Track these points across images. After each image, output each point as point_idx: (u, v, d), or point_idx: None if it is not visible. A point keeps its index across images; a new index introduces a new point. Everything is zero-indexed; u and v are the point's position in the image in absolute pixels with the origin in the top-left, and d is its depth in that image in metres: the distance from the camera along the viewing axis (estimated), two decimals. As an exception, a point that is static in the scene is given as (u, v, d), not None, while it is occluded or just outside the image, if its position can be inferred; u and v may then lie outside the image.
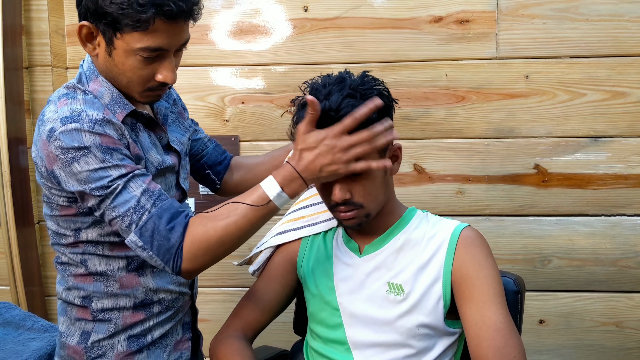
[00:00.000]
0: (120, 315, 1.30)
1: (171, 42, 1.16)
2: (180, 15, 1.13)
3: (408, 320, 1.18)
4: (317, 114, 1.11)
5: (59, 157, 1.14)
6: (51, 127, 1.14)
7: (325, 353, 1.27)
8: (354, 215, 1.18)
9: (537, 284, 2.00)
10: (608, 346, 2.01)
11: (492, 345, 1.10)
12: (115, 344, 1.30)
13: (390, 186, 1.25)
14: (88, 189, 1.13)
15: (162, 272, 1.32)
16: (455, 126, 1.98)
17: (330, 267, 1.29)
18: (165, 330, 1.34)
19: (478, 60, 1.95)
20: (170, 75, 1.19)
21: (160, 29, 1.13)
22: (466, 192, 2.00)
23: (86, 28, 1.16)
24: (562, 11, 1.90)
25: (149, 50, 1.15)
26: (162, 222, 1.13)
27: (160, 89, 1.23)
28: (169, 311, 1.34)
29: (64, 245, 1.29)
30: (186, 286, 1.38)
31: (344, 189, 1.16)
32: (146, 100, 1.25)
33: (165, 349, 1.35)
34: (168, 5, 1.11)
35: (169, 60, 1.19)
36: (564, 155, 1.95)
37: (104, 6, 1.11)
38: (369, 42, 1.98)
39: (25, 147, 1.98)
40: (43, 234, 2.09)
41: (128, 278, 1.29)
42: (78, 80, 1.24)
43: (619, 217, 1.96)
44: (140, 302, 1.31)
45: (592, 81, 1.92)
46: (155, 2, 1.10)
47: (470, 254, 1.18)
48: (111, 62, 1.19)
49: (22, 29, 1.97)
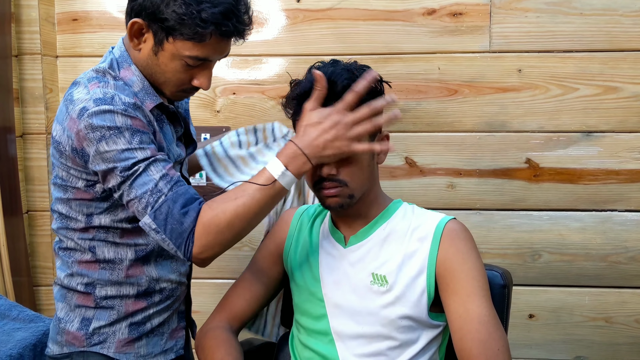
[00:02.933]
0: (123, 303, 1.33)
1: (217, 55, 1.23)
2: (233, 34, 1.20)
3: (391, 312, 1.18)
4: (324, 90, 1.12)
5: (88, 136, 1.16)
6: (83, 107, 1.17)
7: (309, 344, 1.26)
8: (338, 193, 1.18)
9: (527, 279, 2.00)
10: (597, 341, 2.01)
11: (476, 338, 1.10)
12: (116, 331, 1.33)
13: (376, 175, 1.25)
14: (112, 169, 1.16)
15: (164, 261, 1.36)
16: (447, 119, 1.97)
17: (315, 258, 1.29)
18: (163, 318, 1.38)
19: (471, 53, 1.94)
20: (206, 83, 1.25)
21: (212, 43, 1.19)
22: (457, 186, 2.00)
23: (138, 25, 1.20)
24: (555, 5, 1.89)
25: (196, 59, 1.20)
26: (176, 206, 1.14)
27: (191, 91, 1.30)
28: (168, 300, 1.38)
29: (73, 230, 1.30)
30: (184, 276, 1.42)
31: (331, 165, 1.16)
32: (175, 98, 1.31)
33: (162, 337, 1.39)
34: (227, 26, 1.17)
35: (210, 69, 1.25)
36: (556, 150, 1.94)
37: (164, 11, 1.16)
38: (362, 34, 1.96)
39: (14, 136, 1.96)
40: (32, 224, 2.08)
41: (134, 267, 1.32)
42: (109, 65, 1.27)
43: (609, 212, 1.96)
44: (144, 290, 1.34)
45: (584, 76, 1.91)
46: (216, 21, 1.15)
47: (455, 247, 1.18)
48: (154, 60, 1.23)
49: (12, 17, 1.96)
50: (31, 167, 2.04)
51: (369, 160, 1.20)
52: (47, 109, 2.04)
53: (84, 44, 2.07)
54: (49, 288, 2.10)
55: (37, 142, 2.04)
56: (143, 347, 1.36)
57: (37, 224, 2.08)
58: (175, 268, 1.38)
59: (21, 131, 2.03)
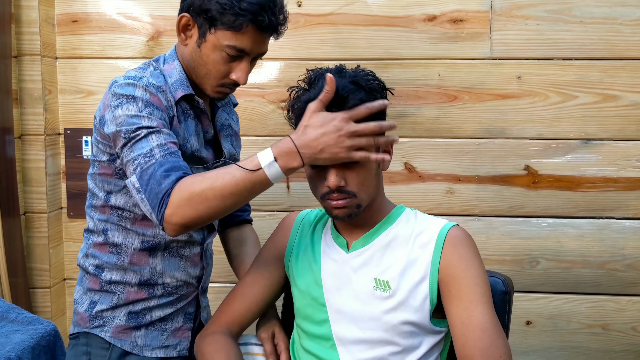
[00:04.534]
0: (125, 290, 1.40)
1: (253, 48, 1.30)
2: (268, 28, 1.28)
3: (394, 317, 1.17)
4: (331, 94, 1.12)
5: (109, 103, 1.27)
6: (115, 79, 1.31)
7: (311, 349, 1.26)
8: (346, 204, 1.17)
9: (524, 285, 2.00)
10: (594, 348, 2.01)
11: (478, 346, 1.10)
12: (115, 317, 1.40)
13: (381, 181, 1.25)
14: (119, 131, 1.23)
15: (172, 257, 1.41)
16: (446, 125, 1.98)
17: (317, 263, 1.28)
18: (165, 314, 1.42)
19: (471, 60, 1.95)
20: (243, 77, 1.32)
21: (249, 34, 1.27)
22: (456, 192, 2.00)
23: (185, 19, 1.31)
24: (555, 13, 1.90)
25: (235, 49, 1.28)
26: (161, 169, 1.18)
27: (231, 87, 1.35)
28: (171, 296, 1.43)
29: (94, 208, 1.41)
30: (194, 278, 1.46)
31: (339, 176, 1.15)
32: (215, 95, 1.37)
33: (163, 333, 1.43)
34: (263, 17, 1.25)
35: (246, 63, 1.31)
36: (555, 157, 1.95)
37: (207, 3, 1.26)
38: (362, 39, 1.97)
39: (12, 137, 1.95)
40: (28, 226, 2.07)
41: (139, 256, 1.39)
42: (156, 60, 1.39)
43: (607, 220, 1.96)
44: (145, 281, 1.40)
45: (584, 83, 1.92)
46: (253, 11, 1.24)
47: (458, 253, 1.17)
48: (198, 52, 1.31)
49: (12, 17, 1.95)
50: (29, 168, 2.03)
51: (376, 169, 1.20)
52: (46, 110, 2.03)
53: (84, 45, 2.07)
54: (45, 290, 2.09)
55: (35, 144, 2.03)
56: (140, 338, 1.41)
57: (34, 225, 2.07)
58: (183, 267, 1.43)
59: (19, 132, 2.02)
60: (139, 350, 1.41)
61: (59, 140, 2.11)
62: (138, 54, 2.05)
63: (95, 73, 2.08)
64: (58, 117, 2.10)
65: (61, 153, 2.11)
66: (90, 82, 2.08)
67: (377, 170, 1.21)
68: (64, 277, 2.18)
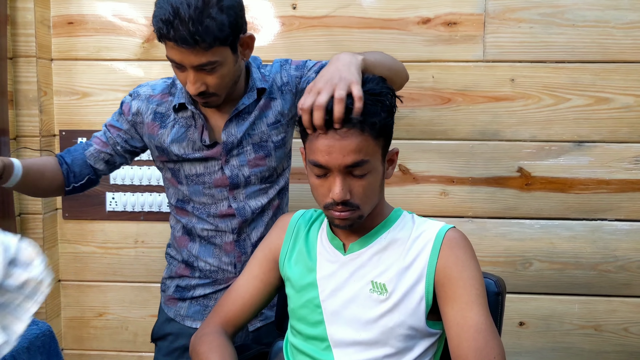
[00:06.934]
0: (175, 264, 1.62)
1: (183, 60, 1.31)
2: (182, 41, 1.26)
3: (390, 320, 1.18)
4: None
5: None
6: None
7: (306, 350, 1.26)
8: (349, 216, 1.18)
9: (517, 287, 2.02)
10: (586, 349, 2.03)
11: (473, 346, 1.10)
12: (169, 286, 1.63)
13: (383, 188, 1.26)
14: None
15: (208, 244, 1.56)
16: (440, 127, 1.99)
17: (313, 265, 1.29)
18: (205, 292, 1.59)
19: (465, 62, 1.96)
20: (190, 86, 1.35)
21: (171, 47, 1.30)
22: (450, 194, 2.01)
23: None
24: (548, 16, 1.92)
25: (170, 60, 1.34)
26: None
27: (199, 97, 1.39)
28: (208, 279, 1.58)
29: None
30: (229, 265, 1.57)
31: (345, 189, 1.15)
32: (202, 104, 1.44)
33: (205, 309, 1.59)
34: (169, 31, 1.26)
35: (191, 74, 1.33)
36: (548, 159, 1.96)
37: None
38: (357, 42, 1.98)
39: (8, 139, 1.95)
40: (24, 227, 2.07)
41: (180, 239, 1.59)
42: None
43: (600, 221, 1.98)
44: (185, 261, 1.59)
45: (576, 86, 1.93)
46: (159, 27, 1.28)
47: (454, 255, 1.18)
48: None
49: (7, 19, 1.95)
50: (24, 169, 2.03)
51: (380, 181, 1.21)
52: (42, 111, 2.03)
53: (79, 47, 2.07)
54: (40, 291, 2.09)
55: (30, 145, 2.03)
56: (184, 309, 1.60)
57: (29, 227, 2.07)
58: (217, 254, 1.56)
59: (15, 133, 2.02)
60: (180, 319, 1.60)
61: (54, 142, 2.11)
62: (133, 55, 2.06)
63: (90, 75, 2.08)
64: (53, 118, 2.10)
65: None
66: (86, 84, 2.08)
67: (382, 180, 1.22)
68: (59, 279, 2.18)
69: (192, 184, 1.52)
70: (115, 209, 2.13)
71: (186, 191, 1.54)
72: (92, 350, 2.22)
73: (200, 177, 1.51)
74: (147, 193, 2.11)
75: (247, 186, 1.53)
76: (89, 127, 2.09)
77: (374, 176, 1.17)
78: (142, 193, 2.11)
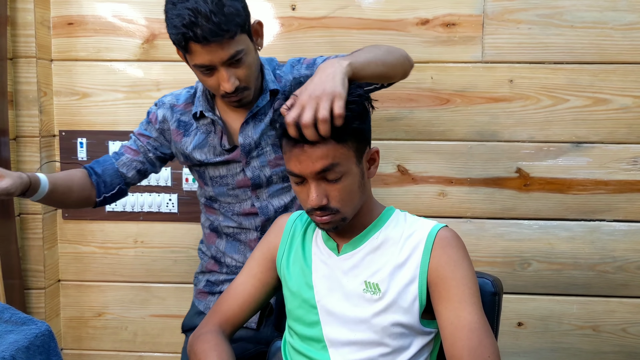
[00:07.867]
0: (206, 259, 1.68)
1: (213, 59, 1.33)
2: (207, 39, 1.28)
3: (384, 319, 1.19)
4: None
5: None
6: None
7: (302, 350, 1.27)
8: (330, 220, 1.19)
9: (516, 287, 2.02)
10: (585, 350, 2.03)
11: (467, 345, 1.11)
12: (201, 280, 1.69)
13: (368, 188, 1.26)
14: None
15: (233, 241, 1.61)
16: (438, 128, 1.99)
17: (309, 265, 1.30)
18: None
19: (463, 63, 1.96)
20: (227, 85, 1.37)
21: (197, 50, 1.31)
22: (448, 194, 2.01)
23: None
24: (547, 17, 1.92)
25: (198, 66, 1.35)
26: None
27: (230, 95, 1.41)
28: (234, 275, 1.59)
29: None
30: None
31: (320, 195, 1.16)
32: (231, 104, 1.46)
33: None
34: (192, 32, 1.28)
35: (223, 72, 1.35)
36: (546, 160, 1.97)
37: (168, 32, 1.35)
38: (356, 43, 1.98)
39: (8, 139, 1.96)
40: (23, 227, 2.08)
41: (209, 235, 1.66)
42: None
43: (598, 222, 1.98)
44: (214, 257, 1.65)
45: (575, 87, 1.94)
46: (181, 32, 1.29)
47: (447, 255, 1.19)
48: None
49: (7, 20, 1.96)
50: (24, 170, 2.04)
51: (359, 182, 1.20)
52: (41, 112, 2.04)
53: (79, 47, 2.08)
54: (40, 291, 2.10)
55: (30, 145, 2.04)
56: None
57: (29, 227, 2.08)
58: (242, 250, 1.61)
59: (15, 134, 2.03)
60: None
61: (54, 142, 2.12)
62: (133, 56, 2.06)
63: (90, 75, 2.09)
64: (53, 119, 2.11)
65: (56, 155, 2.12)
66: (86, 84, 2.09)
67: (361, 181, 1.21)
68: (59, 279, 2.19)
69: (216, 185, 1.58)
70: (114, 209, 2.14)
71: (212, 192, 1.59)
72: (92, 350, 2.23)
73: (223, 179, 1.56)
74: (147, 193, 2.12)
75: (269, 186, 1.56)
76: (88, 128, 2.10)
77: (349, 179, 1.17)
78: (142, 193, 2.12)
